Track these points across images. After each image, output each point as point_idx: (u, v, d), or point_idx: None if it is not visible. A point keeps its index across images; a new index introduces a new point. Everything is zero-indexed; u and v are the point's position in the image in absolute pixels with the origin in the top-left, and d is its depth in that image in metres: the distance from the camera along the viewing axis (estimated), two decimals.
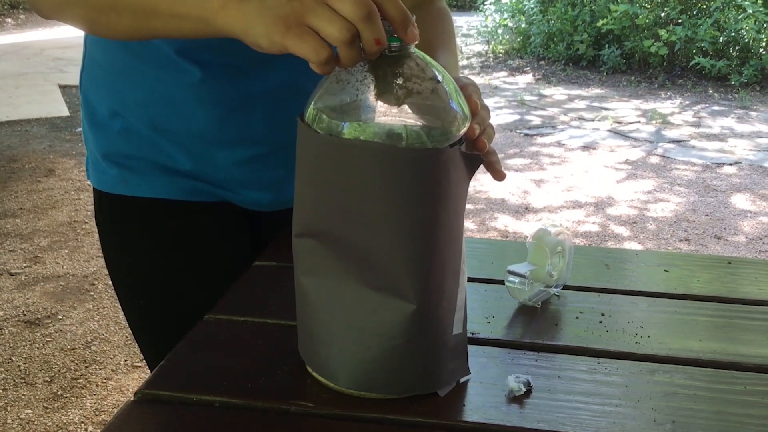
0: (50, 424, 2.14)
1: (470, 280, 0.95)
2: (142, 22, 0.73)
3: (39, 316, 2.75)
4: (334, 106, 0.66)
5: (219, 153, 0.97)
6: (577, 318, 0.87)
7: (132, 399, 0.71)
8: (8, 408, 2.20)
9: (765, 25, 6.99)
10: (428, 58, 0.67)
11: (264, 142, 0.98)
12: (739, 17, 7.08)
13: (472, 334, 0.82)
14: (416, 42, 0.65)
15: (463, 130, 0.67)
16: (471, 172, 0.67)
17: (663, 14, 7.51)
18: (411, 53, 0.65)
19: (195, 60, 0.91)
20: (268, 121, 0.97)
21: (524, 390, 0.71)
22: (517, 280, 0.88)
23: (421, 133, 0.64)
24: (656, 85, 7.14)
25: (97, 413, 2.19)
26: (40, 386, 2.31)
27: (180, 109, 0.94)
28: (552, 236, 0.90)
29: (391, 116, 0.64)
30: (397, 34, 0.64)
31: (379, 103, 0.64)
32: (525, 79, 7.61)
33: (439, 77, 0.66)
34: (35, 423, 2.14)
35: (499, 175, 0.80)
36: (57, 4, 0.79)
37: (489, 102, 6.51)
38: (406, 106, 0.64)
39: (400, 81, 0.64)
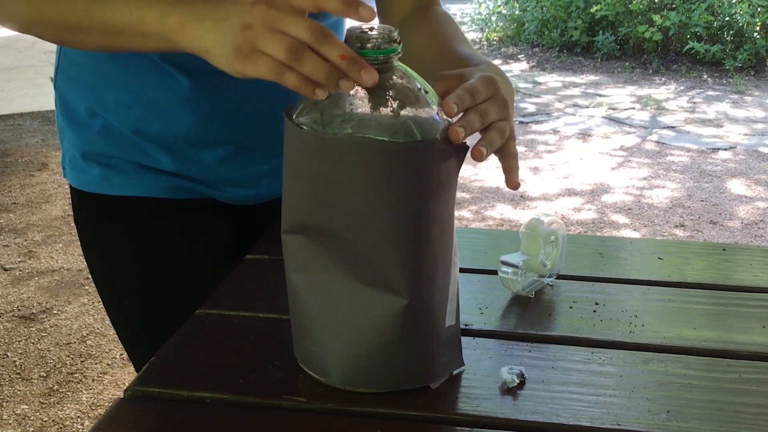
0: (46, 419, 2.13)
1: (463, 270, 0.94)
2: (108, 40, 0.76)
3: (34, 311, 2.74)
4: (321, 116, 0.65)
5: (203, 152, 0.96)
6: (570, 308, 0.86)
7: (122, 396, 0.70)
8: (4, 403, 2.19)
9: (759, 9, 6.97)
10: (410, 70, 0.67)
11: (248, 140, 0.98)
12: (733, 1, 7.06)
13: (465, 325, 0.82)
14: (372, 20, 0.65)
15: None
16: (459, 162, 0.67)
17: None
18: (394, 66, 0.65)
19: (181, 66, 0.90)
20: (253, 122, 0.96)
21: (518, 381, 0.71)
22: (510, 270, 0.87)
23: (409, 124, 0.64)
24: (651, 71, 7.12)
25: (93, 408, 2.19)
26: (35, 381, 2.31)
27: (164, 113, 0.93)
28: (545, 225, 0.89)
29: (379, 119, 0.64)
30: (350, 17, 0.64)
31: (368, 113, 0.64)
32: (519, 66, 7.59)
33: (424, 88, 0.67)
34: (31, 418, 2.13)
35: (511, 184, 0.73)
36: (24, 24, 0.80)
37: None
38: (393, 114, 0.64)
39: (391, 92, 0.64)
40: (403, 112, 0.64)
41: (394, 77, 0.65)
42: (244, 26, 0.64)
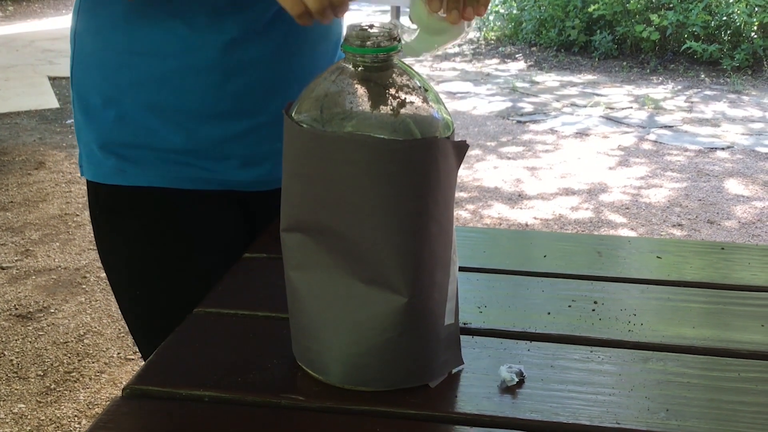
0: (43, 418, 2.13)
1: (462, 269, 0.94)
2: None
3: (31, 310, 2.73)
4: (321, 114, 0.65)
5: (215, 128, 0.98)
6: (569, 306, 0.86)
7: (121, 395, 0.70)
8: (1, 402, 2.19)
9: (756, 9, 6.98)
10: (409, 68, 0.67)
11: (260, 113, 0.99)
12: (731, 1, 7.07)
13: (464, 324, 0.82)
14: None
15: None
16: (459, 160, 0.67)
17: None
18: (394, 64, 0.65)
19: (188, 24, 0.93)
20: (263, 89, 0.98)
21: (517, 380, 0.71)
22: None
23: (408, 122, 0.64)
24: (648, 71, 7.13)
25: (90, 406, 2.19)
26: (32, 380, 2.30)
27: (175, 83, 0.95)
28: None
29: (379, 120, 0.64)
30: None
31: (368, 111, 0.64)
32: (517, 65, 7.59)
33: (424, 86, 0.67)
34: (28, 417, 2.13)
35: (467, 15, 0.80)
36: None
37: (481, 89, 6.50)
38: (393, 112, 0.64)
39: (391, 91, 0.64)
40: (402, 111, 0.64)
41: (394, 75, 0.65)
42: None
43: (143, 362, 1.03)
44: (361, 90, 0.65)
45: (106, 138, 0.99)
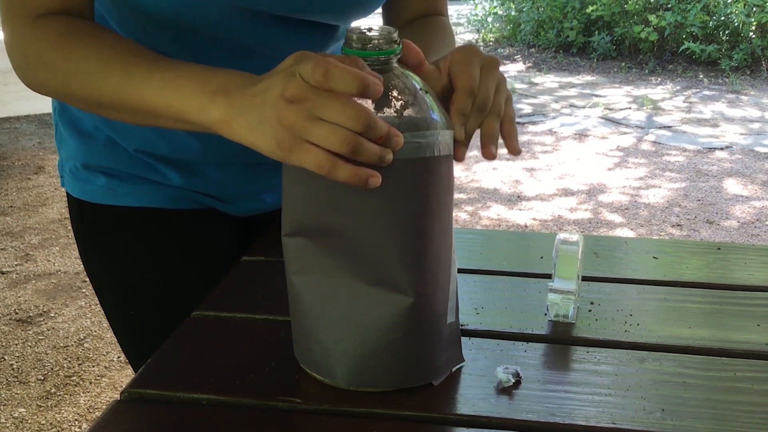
0: (44, 422, 2.13)
1: (459, 270, 0.94)
2: (144, 120, 0.73)
3: (31, 314, 2.73)
4: None
5: (212, 170, 0.96)
6: None
7: (118, 398, 0.70)
8: (1, 407, 2.19)
9: (754, 9, 6.99)
10: (408, 71, 0.67)
11: (260, 156, 0.97)
12: (729, 1, 7.08)
13: (462, 325, 0.82)
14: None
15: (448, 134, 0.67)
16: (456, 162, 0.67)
17: None
18: (394, 66, 0.66)
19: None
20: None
21: (513, 381, 0.71)
22: (561, 296, 0.82)
23: (409, 124, 0.64)
24: (647, 71, 7.13)
25: (90, 410, 2.19)
26: (33, 385, 2.31)
27: (171, 137, 0.92)
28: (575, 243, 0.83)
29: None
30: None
31: None
32: (516, 67, 7.60)
33: (423, 89, 0.67)
34: (29, 421, 2.13)
35: (511, 150, 0.72)
36: (55, 95, 0.78)
37: None
38: (396, 115, 0.64)
39: (392, 93, 0.64)
40: (403, 113, 0.64)
41: (394, 78, 0.65)
42: (281, 120, 0.60)
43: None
44: None
45: (94, 160, 0.95)
